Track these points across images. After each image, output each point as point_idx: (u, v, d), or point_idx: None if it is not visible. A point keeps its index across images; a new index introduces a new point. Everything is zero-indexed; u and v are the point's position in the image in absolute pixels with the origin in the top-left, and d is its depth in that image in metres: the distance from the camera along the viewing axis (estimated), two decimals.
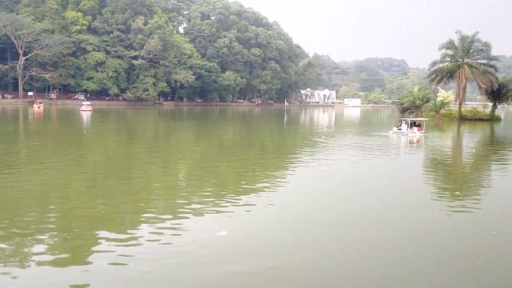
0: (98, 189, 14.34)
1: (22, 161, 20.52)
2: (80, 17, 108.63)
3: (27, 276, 7.54)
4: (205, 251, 8.85)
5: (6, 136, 32.25)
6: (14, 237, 9.26)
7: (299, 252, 9.00)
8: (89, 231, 9.91)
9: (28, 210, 11.43)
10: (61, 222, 10.43)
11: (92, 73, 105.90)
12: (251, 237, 9.93)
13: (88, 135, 36.24)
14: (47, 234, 9.52)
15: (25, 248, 8.71)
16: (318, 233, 10.25)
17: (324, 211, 12.17)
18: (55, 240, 9.23)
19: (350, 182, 16.99)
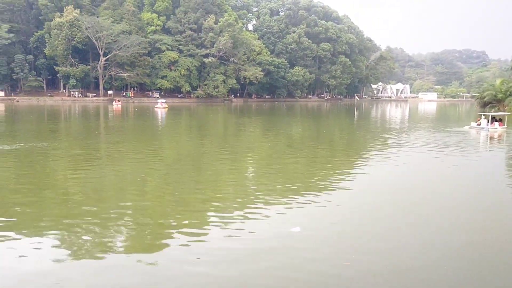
0: (171, 184, 14.85)
1: (103, 155, 21.77)
2: (155, 18, 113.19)
3: (100, 265, 7.93)
4: (279, 248, 8.83)
5: (89, 132, 34.41)
6: (94, 228, 9.80)
7: (380, 252, 8.71)
8: (162, 225, 10.25)
9: (107, 202, 12.07)
10: (136, 215, 10.89)
11: (166, 72, 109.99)
12: (325, 234, 9.76)
13: (163, 131, 37.68)
14: (123, 226, 9.98)
15: (103, 238, 9.18)
16: (397, 233, 9.86)
17: (400, 211, 11.70)
18: (130, 232, 9.65)
19: (426, 180, 16.19)
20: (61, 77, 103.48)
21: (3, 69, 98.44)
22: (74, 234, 9.37)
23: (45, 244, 8.79)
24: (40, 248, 8.62)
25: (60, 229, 9.62)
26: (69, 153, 22.40)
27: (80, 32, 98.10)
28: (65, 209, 11.25)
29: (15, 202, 12.11)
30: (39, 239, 9.07)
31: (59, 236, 9.19)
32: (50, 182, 14.97)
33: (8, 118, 49.26)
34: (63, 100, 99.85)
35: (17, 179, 15.61)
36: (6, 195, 13.09)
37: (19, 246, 8.73)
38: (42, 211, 11.14)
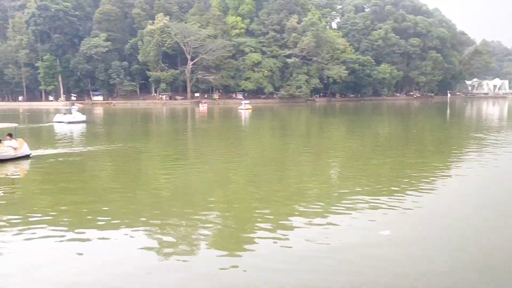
0: (255, 184, 14.92)
1: (190, 155, 22.55)
2: (239, 21, 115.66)
3: (187, 260, 8.07)
4: (369, 250, 8.45)
5: (177, 133, 35.95)
6: (180, 224, 10.06)
7: (475, 258, 7.99)
8: (245, 226, 10.27)
9: (193, 200, 12.38)
10: (221, 213, 11.03)
11: (250, 74, 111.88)
12: (416, 238, 9.20)
13: (247, 132, 38.26)
14: (208, 224, 10.14)
15: (189, 235, 9.38)
16: (494, 237, 9.00)
17: (496, 215, 10.68)
18: (215, 227, 9.77)
19: None
20: (152, 82, 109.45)
21: (102, 75, 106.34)
22: (162, 229, 9.70)
23: (135, 237, 9.17)
24: (133, 237, 9.03)
25: (149, 224, 10.00)
26: (159, 153, 23.50)
27: (170, 38, 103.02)
28: (155, 206, 11.72)
29: (111, 198, 12.86)
30: (130, 231, 9.49)
31: (148, 232, 9.55)
32: (142, 180, 15.75)
33: (106, 120, 52.99)
34: (154, 103, 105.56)
35: (114, 177, 16.64)
36: (104, 191, 13.99)
37: (112, 236, 9.20)
38: (135, 206, 11.69)
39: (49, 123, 45.44)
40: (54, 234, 9.37)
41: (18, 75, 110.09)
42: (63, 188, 14.23)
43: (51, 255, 8.37)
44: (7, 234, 9.40)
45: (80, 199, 12.65)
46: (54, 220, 10.30)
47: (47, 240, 9.05)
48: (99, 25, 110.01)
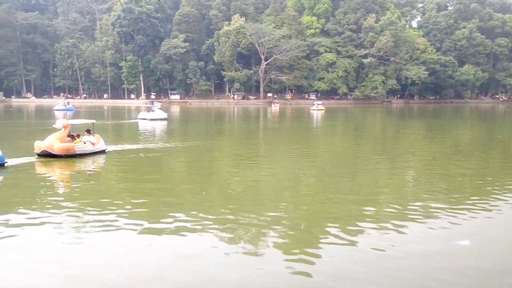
0: (325, 185, 14.64)
1: (261, 154, 22.66)
2: (315, 21, 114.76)
3: (254, 261, 8.02)
4: (446, 261, 7.93)
5: (250, 132, 36.36)
6: (248, 221, 10.05)
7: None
8: (315, 225, 10.06)
9: (263, 199, 12.37)
10: (290, 214, 10.90)
11: (323, 74, 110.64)
12: (498, 249, 8.47)
13: (319, 133, 37.80)
14: (277, 221, 10.05)
15: (257, 232, 9.35)
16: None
17: None
18: (284, 230, 9.65)
19: None
20: (227, 81, 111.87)
21: (179, 74, 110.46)
22: (231, 226, 9.75)
23: (205, 233, 9.30)
24: (203, 233, 9.19)
25: (219, 221, 10.10)
26: (232, 151, 23.89)
27: (245, 38, 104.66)
28: (225, 203, 11.85)
29: (184, 193, 13.22)
30: (200, 227, 9.65)
31: (217, 228, 9.64)
32: (214, 177, 16.04)
33: (182, 119, 54.89)
34: (228, 102, 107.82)
35: (187, 173, 17.13)
36: (177, 186, 14.43)
37: (183, 230, 9.41)
38: (207, 202, 11.91)
39: (133, 120, 47.95)
40: (129, 227, 9.74)
41: (104, 74, 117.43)
42: (139, 183, 14.84)
43: (126, 246, 8.70)
44: (88, 224, 9.92)
45: (155, 193, 13.12)
46: (130, 213, 10.72)
47: (123, 232, 9.44)
48: (179, 27, 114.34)
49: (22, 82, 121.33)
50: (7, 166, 16.34)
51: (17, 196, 12.59)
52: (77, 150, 18.79)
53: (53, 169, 17.00)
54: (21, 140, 26.63)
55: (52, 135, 18.72)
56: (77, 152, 18.78)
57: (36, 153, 18.42)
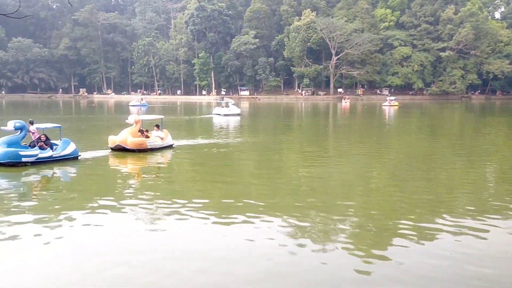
0: (398, 186, 13.98)
1: (331, 151, 22.19)
2: (389, 14, 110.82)
3: (323, 254, 7.75)
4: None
5: (318, 128, 35.83)
6: (317, 220, 9.78)
7: None
8: (385, 227, 9.61)
9: (332, 198, 12.03)
10: (359, 213, 10.50)
11: (397, 68, 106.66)
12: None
13: (391, 129, 36.42)
14: (345, 221, 9.69)
15: (324, 231, 9.05)
16: None
17: None
18: (352, 227, 9.28)
19: None
20: (296, 77, 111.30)
21: (249, 71, 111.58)
22: (298, 224, 9.56)
23: (273, 227, 9.18)
24: (270, 227, 9.09)
25: (286, 218, 9.92)
26: (300, 148, 23.62)
27: (315, 33, 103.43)
28: (293, 200, 11.66)
29: (251, 188, 13.20)
30: (267, 223, 9.55)
31: (283, 225, 9.47)
32: (282, 174, 15.87)
33: (251, 114, 55.36)
34: (297, 98, 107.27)
35: (256, 168, 17.14)
36: (246, 180, 14.48)
37: (250, 225, 9.36)
38: (274, 198, 11.78)
39: (208, 115, 49.22)
40: (198, 218, 9.87)
41: (177, 71, 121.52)
42: (208, 175, 15.07)
43: (196, 235, 8.80)
44: (160, 214, 10.18)
45: (223, 186, 13.27)
46: (197, 205, 10.85)
47: (192, 222, 9.61)
48: (249, 23, 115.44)
49: (103, 79, 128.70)
50: (80, 159, 17.14)
51: (92, 186, 13.27)
52: (148, 144, 19.36)
53: (124, 162, 17.68)
54: (96, 134, 28.15)
55: (125, 130, 19.34)
56: (148, 147, 19.35)
57: (110, 147, 19.12)
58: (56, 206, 10.92)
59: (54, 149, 16.32)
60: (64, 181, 14.68)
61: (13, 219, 9.76)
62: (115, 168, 16.90)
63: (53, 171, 15.22)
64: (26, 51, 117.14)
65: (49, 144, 16.37)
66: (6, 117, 43.08)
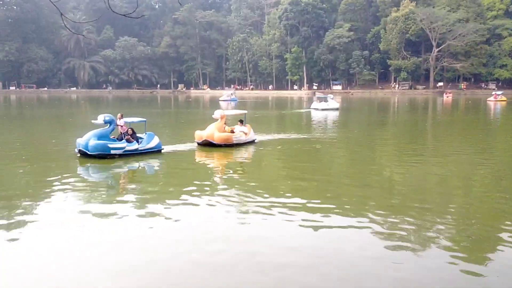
0: (502, 185, 12.68)
1: (429, 148, 20.87)
2: (497, 2, 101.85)
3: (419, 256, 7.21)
4: None
5: (416, 124, 33.96)
6: (410, 223, 9.17)
7: None
8: (488, 226, 8.73)
9: (428, 197, 11.24)
10: (460, 211, 9.68)
11: (506, 60, 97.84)
12: None
13: (498, 127, 33.43)
14: (440, 224, 8.97)
15: (417, 230, 8.45)
16: None
17: None
18: (448, 233, 8.56)
19: None
20: (392, 70, 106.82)
21: (342, 65, 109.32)
22: (390, 224, 9.03)
23: (364, 226, 8.79)
24: (361, 226, 8.75)
25: (379, 216, 9.43)
26: (396, 144, 22.57)
27: (414, 24, 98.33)
28: (385, 201, 11.08)
29: (342, 187, 12.79)
30: (357, 221, 9.16)
31: (376, 224, 9.01)
32: (376, 172, 15.19)
33: (344, 109, 54.05)
34: (392, 92, 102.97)
35: (347, 166, 16.63)
36: (337, 178, 14.09)
37: (339, 224, 9.04)
38: (366, 198, 11.30)
39: (304, 110, 49.30)
40: (284, 214, 9.75)
41: (269, 66, 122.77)
42: (296, 171, 14.88)
43: (284, 231, 8.70)
44: (247, 208, 10.23)
45: (311, 183, 13.00)
46: (284, 202, 10.72)
47: (278, 218, 9.50)
48: (344, 16, 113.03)
49: (199, 75, 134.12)
50: (164, 152, 17.63)
51: (176, 179, 13.71)
52: (234, 140, 19.42)
53: (209, 156, 17.87)
54: (183, 128, 29.00)
55: (212, 125, 19.39)
56: (234, 142, 19.38)
57: (197, 142, 19.33)
58: (141, 196, 11.42)
59: (139, 143, 16.98)
60: (149, 174, 15.25)
61: (101, 208, 10.36)
62: (201, 162, 17.23)
63: (139, 164, 15.83)
64: (131, 50, 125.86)
65: (135, 137, 17.05)
66: (113, 110, 46.63)
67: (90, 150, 15.69)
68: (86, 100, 77.06)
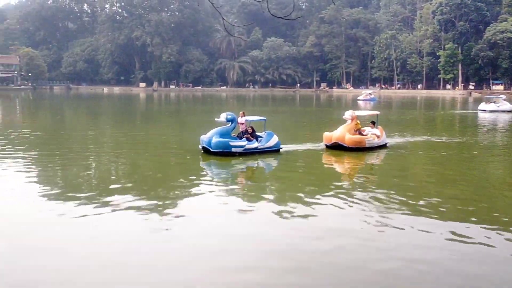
0: None
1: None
2: None
3: None
4: None
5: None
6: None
7: None
8: None
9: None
10: None
11: None
12: None
13: None
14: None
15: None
16: None
17: None
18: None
19: None
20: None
21: (505, 62, 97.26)
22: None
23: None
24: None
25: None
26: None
27: None
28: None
29: (500, 204, 11.05)
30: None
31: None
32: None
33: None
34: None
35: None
36: (489, 191, 12.25)
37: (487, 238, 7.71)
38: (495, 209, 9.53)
39: (470, 111, 45.61)
40: (425, 224, 8.65)
41: (419, 64, 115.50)
42: (442, 179, 13.32)
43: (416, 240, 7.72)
44: (378, 214, 9.39)
45: (458, 201, 11.46)
46: (423, 214, 9.56)
47: (416, 226, 8.47)
48: (509, 8, 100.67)
49: (343, 74, 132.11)
50: (282, 152, 17.24)
51: (297, 179, 13.26)
52: (367, 143, 18.00)
53: (338, 159, 16.95)
54: (310, 129, 28.37)
55: (342, 127, 18.19)
56: (367, 145, 17.95)
57: (325, 144, 18.36)
58: (258, 194, 11.34)
59: (259, 141, 16.88)
60: (268, 172, 15.13)
61: (221, 203, 10.50)
62: (326, 163, 16.54)
63: (257, 162, 15.78)
64: (277, 50, 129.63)
65: (255, 136, 17.02)
66: (256, 108, 48.39)
67: (212, 148, 16.05)
68: (234, 98, 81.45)
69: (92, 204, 9.94)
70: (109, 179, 13.16)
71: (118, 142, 21.43)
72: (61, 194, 10.94)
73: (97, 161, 16.03)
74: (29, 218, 9.17)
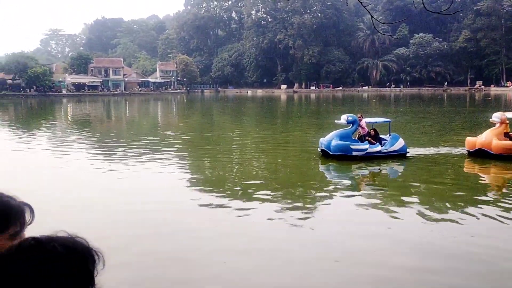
0: None
1: None
2: None
3: None
4: None
5: None
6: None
7: None
8: None
9: None
10: None
11: None
12: None
13: None
14: None
15: None
16: None
17: None
18: None
19: None
20: None
21: None
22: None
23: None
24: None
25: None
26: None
27: None
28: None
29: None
30: None
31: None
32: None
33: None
34: None
35: None
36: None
37: None
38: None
39: None
40: None
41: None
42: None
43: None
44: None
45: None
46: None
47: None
48: None
49: (502, 70, 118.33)
50: (409, 157, 15.98)
51: (422, 188, 11.92)
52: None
53: (469, 167, 15.27)
54: (454, 132, 25.54)
55: (488, 131, 16.02)
56: None
57: (468, 151, 16.37)
58: (379, 201, 10.69)
59: (382, 144, 15.88)
60: (391, 178, 14.21)
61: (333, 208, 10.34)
62: (463, 172, 14.80)
63: (380, 167, 14.78)
64: (425, 46, 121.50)
65: (378, 139, 16.02)
66: (400, 109, 45.91)
67: (332, 151, 15.49)
68: (376, 98, 78.64)
69: (234, 199, 10.87)
70: (243, 178, 13.92)
71: (257, 143, 22.44)
72: (208, 187, 12.36)
73: (231, 162, 17.11)
74: (181, 205, 10.56)
